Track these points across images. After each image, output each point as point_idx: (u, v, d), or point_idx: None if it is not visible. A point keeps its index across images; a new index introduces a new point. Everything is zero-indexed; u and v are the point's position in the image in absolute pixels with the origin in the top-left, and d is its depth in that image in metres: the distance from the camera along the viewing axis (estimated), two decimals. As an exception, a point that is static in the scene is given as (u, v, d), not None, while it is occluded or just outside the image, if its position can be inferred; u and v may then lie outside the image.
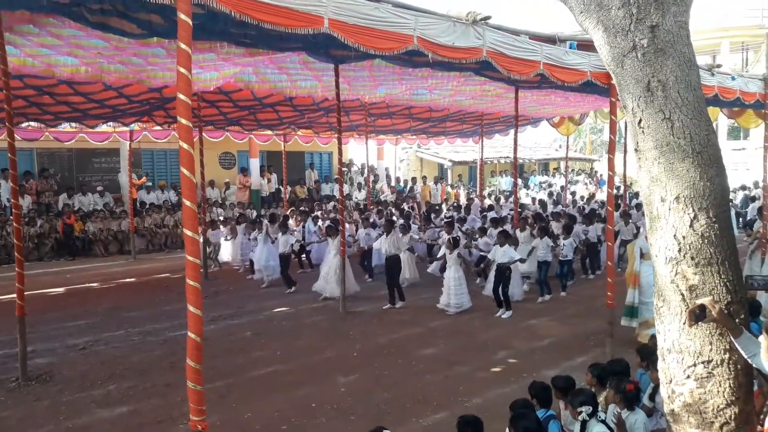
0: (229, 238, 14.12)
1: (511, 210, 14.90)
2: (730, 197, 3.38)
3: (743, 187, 22.41)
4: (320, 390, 6.67)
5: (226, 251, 14.25)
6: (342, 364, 7.52)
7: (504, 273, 9.67)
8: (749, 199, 20.48)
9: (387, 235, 10.48)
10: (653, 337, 5.84)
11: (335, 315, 9.76)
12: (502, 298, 9.69)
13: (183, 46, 3.86)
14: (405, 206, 18.14)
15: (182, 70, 3.83)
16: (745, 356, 2.84)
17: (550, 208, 17.84)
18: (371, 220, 13.40)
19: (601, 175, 30.78)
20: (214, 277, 12.77)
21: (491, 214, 14.49)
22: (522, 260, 10.10)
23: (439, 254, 11.18)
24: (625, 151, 17.83)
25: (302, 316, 9.88)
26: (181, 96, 3.82)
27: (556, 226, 12.62)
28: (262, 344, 8.38)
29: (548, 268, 10.87)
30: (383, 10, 5.66)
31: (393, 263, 10.36)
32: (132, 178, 17.15)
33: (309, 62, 10.25)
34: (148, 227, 17.15)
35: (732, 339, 2.88)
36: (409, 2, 6.03)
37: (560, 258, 11.02)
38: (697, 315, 2.83)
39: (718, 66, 9.97)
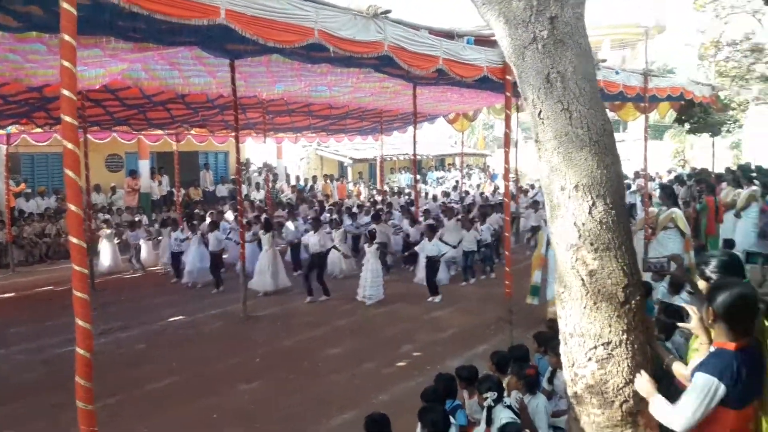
0: (150, 239, 13.65)
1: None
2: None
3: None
4: (222, 400, 6.39)
5: (149, 254, 13.90)
6: (244, 371, 7.25)
7: (434, 265, 10.31)
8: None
9: (315, 232, 10.59)
10: (551, 320, 6.11)
11: (235, 320, 9.40)
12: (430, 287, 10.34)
13: (67, 38, 3.54)
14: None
15: (66, 64, 3.53)
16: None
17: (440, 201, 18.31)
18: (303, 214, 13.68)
19: (493, 169, 31.98)
20: (102, 288, 11.88)
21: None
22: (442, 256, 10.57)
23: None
24: (516, 146, 18.55)
25: (199, 324, 9.43)
26: (66, 92, 3.52)
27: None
28: (157, 356, 7.92)
29: (473, 257, 11.63)
30: (283, 1, 5.49)
31: (318, 260, 10.47)
32: (9, 185, 15.76)
33: (202, 57, 9.83)
34: (28, 237, 15.77)
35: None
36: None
37: (464, 249, 11.52)
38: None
39: (603, 61, 10.53)
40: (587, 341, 3.12)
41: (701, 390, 2.59)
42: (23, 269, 14.76)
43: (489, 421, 4.17)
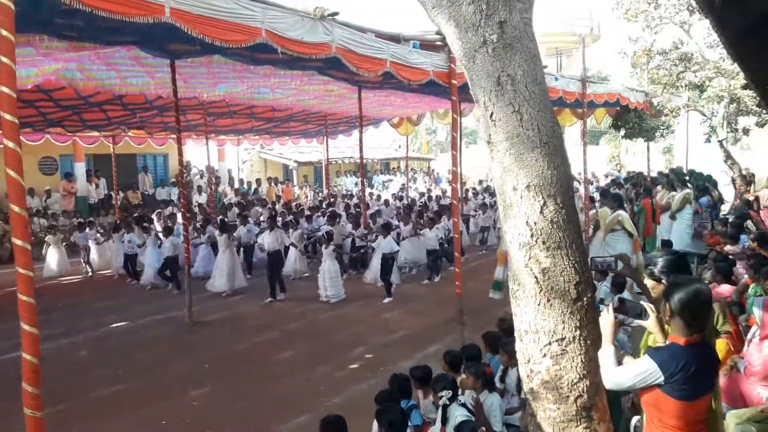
0: (101, 241, 13.54)
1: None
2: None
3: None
4: (171, 406, 6.23)
5: (99, 256, 13.75)
6: (193, 376, 7.09)
7: (387, 262, 10.53)
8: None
9: (270, 231, 10.79)
10: (501, 320, 6.23)
11: (181, 326, 9.17)
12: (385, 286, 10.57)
13: (5, 33, 3.41)
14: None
15: (5, 60, 3.40)
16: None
17: (394, 204, 18.46)
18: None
19: (438, 173, 32.36)
20: (42, 293, 11.37)
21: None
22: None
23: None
24: (459, 150, 18.84)
25: (144, 329, 9.16)
26: (5, 90, 3.41)
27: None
28: (102, 362, 7.66)
29: (436, 255, 11.83)
30: (229, 0, 5.40)
31: (275, 258, 10.70)
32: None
33: (141, 57, 9.57)
34: (-44, 242, 14.98)
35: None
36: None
37: (428, 248, 11.80)
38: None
39: (545, 67, 10.79)
40: (542, 338, 3.19)
41: (638, 369, 2.81)
42: (-47, 275, 13.96)
43: (444, 420, 4.22)
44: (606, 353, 2.98)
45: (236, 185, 22.93)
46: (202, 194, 20.66)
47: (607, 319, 3.02)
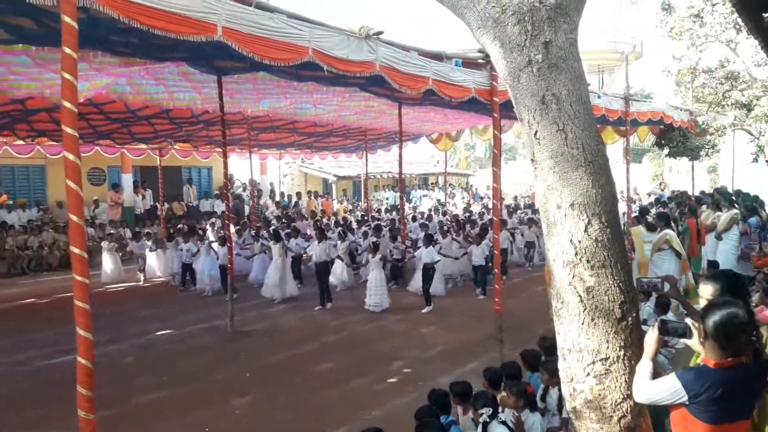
0: (153, 249, 14.14)
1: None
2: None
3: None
4: (213, 414, 6.36)
5: (154, 264, 14.37)
6: (234, 385, 7.22)
7: (428, 272, 10.79)
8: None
9: (318, 243, 11.29)
10: (542, 339, 6.18)
11: (223, 335, 9.37)
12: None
13: (68, 51, 3.62)
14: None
15: (68, 76, 3.60)
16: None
17: (436, 218, 18.50)
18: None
19: (476, 189, 32.25)
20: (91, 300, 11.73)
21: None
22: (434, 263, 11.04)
23: (363, 259, 12.48)
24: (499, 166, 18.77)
25: (188, 338, 9.38)
26: (67, 104, 3.61)
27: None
28: (147, 370, 7.86)
29: (484, 271, 11.78)
30: (278, 20, 5.56)
31: (322, 268, 11.18)
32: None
33: (188, 73, 9.87)
34: (10, 249, 15.56)
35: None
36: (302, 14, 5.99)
37: (473, 264, 11.95)
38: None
39: (588, 85, 10.76)
40: (585, 357, 3.19)
41: (665, 386, 2.80)
42: (5, 281, 14.57)
43: (484, 437, 4.22)
44: (643, 367, 2.96)
45: (277, 198, 23.29)
46: (244, 206, 21.06)
47: (651, 336, 3.00)
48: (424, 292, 10.89)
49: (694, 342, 2.93)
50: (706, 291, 3.23)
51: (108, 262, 14.24)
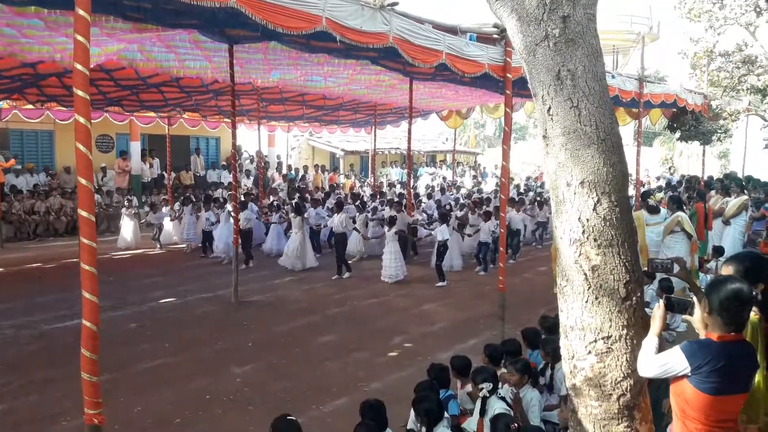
0: (174, 217, 14.68)
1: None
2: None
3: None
4: (214, 381, 6.42)
5: (170, 232, 14.89)
6: (236, 354, 7.28)
7: (440, 249, 11.07)
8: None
9: (337, 214, 11.79)
10: (543, 318, 6.20)
11: (226, 305, 9.43)
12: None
13: (81, 12, 3.57)
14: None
15: (80, 38, 3.56)
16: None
17: (437, 195, 18.53)
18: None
19: (484, 168, 32.11)
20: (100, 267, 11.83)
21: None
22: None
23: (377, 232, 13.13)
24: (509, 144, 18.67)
25: (191, 306, 9.44)
26: (79, 66, 3.59)
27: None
28: (149, 336, 7.93)
29: (488, 248, 12.09)
30: (290, -13, 5.50)
31: (340, 239, 11.69)
32: (-1, 160, 15.71)
33: (200, 41, 9.80)
34: (17, 213, 15.62)
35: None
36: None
37: (480, 240, 12.19)
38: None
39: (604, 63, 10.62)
40: (587, 335, 3.19)
41: (668, 357, 2.83)
42: (11, 245, 14.68)
43: (483, 412, 4.24)
44: (650, 342, 2.98)
45: (284, 171, 23.26)
46: (250, 178, 21.04)
47: (658, 312, 3.01)
48: (436, 268, 11.10)
49: (696, 318, 2.94)
50: (729, 271, 3.24)
51: (127, 228, 14.57)
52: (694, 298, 3.04)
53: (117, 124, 18.62)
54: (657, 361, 2.87)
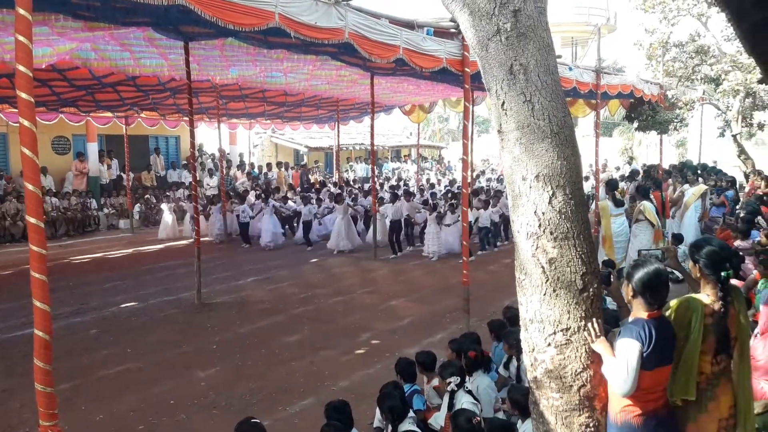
0: (202, 213, 15.27)
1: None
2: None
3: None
4: (178, 386, 6.31)
5: (170, 224, 16.21)
6: (200, 357, 7.16)
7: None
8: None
9: (392, 204, 13.72)
10: (506, 308, 6.27)
11: (189, 307, 9.26)
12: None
13: (22, 12, 3.44)
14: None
15: (22, 39, 3.45)
16: None
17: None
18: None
19: (449, 162, 32.27)
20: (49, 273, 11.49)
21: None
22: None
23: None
24: (471, 139, 18.81)
25: (153, 310, 9.25)
26: (22, 68, 3.49)
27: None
28: (110, 342, 7.75)
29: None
30: (242, -17, 5.40)
31: (396, 225, 13.46)
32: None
33: (155, 39, 9.60)
34: (-30, 219, 15.12)
35: None
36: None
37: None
38: None
39: (559, 57, 10.73)
40: (546, 327, 3.21)
41: (626, 353, 2.90)
42: (-41, 253, 14.17)
43: (450, 406, 4.26)
44: (606, 360, 3.02)
45: (247, 169, 22.98)
46: (212, 177, 20.74)
47: (601, 344, 3.06)
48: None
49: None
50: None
51: (167, 220, 16.18)
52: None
53: (73, 125, 18.12)
54: (622, 366, 2.90)
